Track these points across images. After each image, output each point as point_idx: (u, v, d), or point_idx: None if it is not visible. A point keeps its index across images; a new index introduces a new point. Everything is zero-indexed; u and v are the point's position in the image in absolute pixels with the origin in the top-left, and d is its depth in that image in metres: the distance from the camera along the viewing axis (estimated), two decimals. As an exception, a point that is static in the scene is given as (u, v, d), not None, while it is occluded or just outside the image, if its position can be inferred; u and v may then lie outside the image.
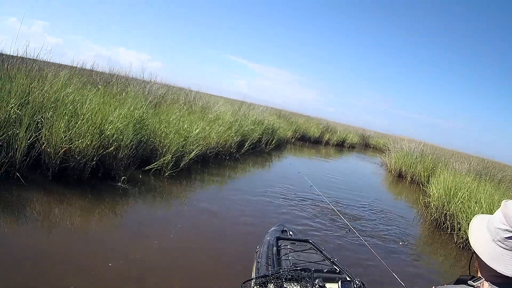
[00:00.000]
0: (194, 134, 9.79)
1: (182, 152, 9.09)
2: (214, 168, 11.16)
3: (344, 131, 33.83)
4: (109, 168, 7.27)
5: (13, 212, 5.34)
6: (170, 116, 9.87)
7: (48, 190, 6.22)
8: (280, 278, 3.12)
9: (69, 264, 4.34)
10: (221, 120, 13.00)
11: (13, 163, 5.95)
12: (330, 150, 27.46)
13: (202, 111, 13.39)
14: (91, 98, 7.41)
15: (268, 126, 18.14)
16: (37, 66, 7.70)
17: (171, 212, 7.03)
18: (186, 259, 5.15)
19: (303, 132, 26.61)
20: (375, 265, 5.49)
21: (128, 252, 4.86)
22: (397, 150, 20.71)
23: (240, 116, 15.62)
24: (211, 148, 11.27)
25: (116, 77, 11.53)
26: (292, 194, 9.72)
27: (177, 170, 8.74)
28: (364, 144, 38.84)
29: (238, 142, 13.58)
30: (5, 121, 5.90)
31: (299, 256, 3.74)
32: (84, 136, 6.56)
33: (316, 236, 6.70)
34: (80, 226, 5.57)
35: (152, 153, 8.64)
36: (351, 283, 3.10)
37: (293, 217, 7.88)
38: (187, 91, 15.72)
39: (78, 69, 10.26)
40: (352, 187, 13.45)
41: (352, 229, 5.34)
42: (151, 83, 12.28)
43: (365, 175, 19.32)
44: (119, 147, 7.25)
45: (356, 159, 27.17)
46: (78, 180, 6.71)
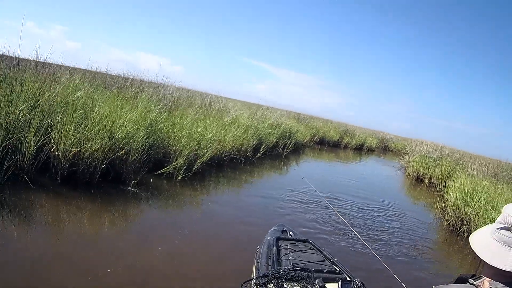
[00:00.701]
0: (208, 137, 9.60)
1: (196, 156, 8.91)
2: (229, 172, 10.93)
3: (363, 135, 33.27)
4: (120, 171, 7.12)
5: (20, 215, 5.21)
6: (184, 119, 9.70)
7: (56, 193, 6.09)
8: (280, 278, 3.08)
9: (71, 268, 4.24)
10: (237, 124, 12.81)
11: (22, 166, 5.85)
12: (349, 153, 26.97)
13: (218, 114, 13.22)
14: (101, 101, 7.30)
15: (286, 130, 17.86)
16: (51, 69, 7.62)
17: (180, 217, 6.83)
18: (187, 267, 4.89)
19: (322, 135, 26.26)
20: (382, 269, 5.21)
21: (129, 258, 4.69)
22: (415, 153, 20.20)
23: (257, 119, 15.40)
24: (226, 151, 11.08)
25: (130, 81, 11.48)
26: (312, 200, 9.40)
27: (190, 174, 8.53)
28: (383, 148, 38.02)
29: (254, 145, 13.32)
30: (13, 124, 5.82)
31: (299, 256, 3.69)
32: (94, 140, 6.44)
33: (327, 242, 6.44)
34: (86, 230, 5.42)
35: (165, 157, 8.47)
36: (351, 283, 3.08)
37: (314, 229, 7.53)
38: (204, 94, 15.61)
39: (92, 73, 10.21)
40: (368, 191, 13.03)
41: (353, 231, 5.13)
42: (166, 86, 12.17)
43: (382, 179, 18.84)
44: (129, 150, 7.10)
45: (374, 162, 26.63)
46: (88, 184, 6.57)
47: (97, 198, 6.40)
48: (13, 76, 6.36)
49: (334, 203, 9.65)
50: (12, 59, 7.05)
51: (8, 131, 5.72)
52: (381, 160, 29.37)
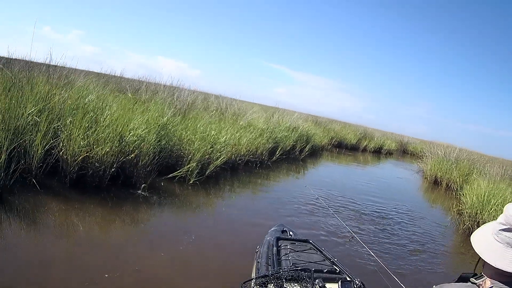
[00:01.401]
0: (221, 141, 9.41)
1: (209, 159, 8.72)
2: (244, 176, 10.67)
3: (381, 138, 32.63)
4: (130, 175, 6.95)
5: (26, 218, 5.09)
6: (198, 123, 9.53)
7: (64, 196, 5.94)
8: (280, 278, 3.05)
9: (70, 272, 4.09)
10: (252, 127, 12.59)
11: (30, 169, 5.75)
12: (367, 156, 26.42)
13: (233, 118, 13.03)
14: (113, 104, 7.19)
15: (303, 133, 17.55)
16: (64, 73, 7.55)
17: (189, 221, 6.62)
18: (187, 275, 4.64)
19: (340, 139, 25.83)
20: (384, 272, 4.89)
21: (130, 263, 4.50)
22: (432, 156, 19.66)
23: (273, 123, 15.15)
24: (241, 155, 10.86)
25: (145, 84, 11.39)
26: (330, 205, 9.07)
27: (203, 178, 8.31)
28: (402, 151, 37.19)
29: (270, 149, 13.03)
30: (22, 127, 5.73)
31: (299, 256, 3.65)
32: (103, 143, 6.32)
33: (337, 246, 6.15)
34: (92, 234, 5.27)
35: (177, 160, 8.30)
36: (351, 283, 3.06)
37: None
38: (220, 98, 15.44)
39: (107, 76, 10.14)
40: (386, 194, 12.59)
41: (353, 235, 4.87)
42: (181, 89, 12.04)
43: (400, 182, 18.32)
44: (140, 154, 6.96)
45: (392, 165, 26.00)
46: (97, 187, 6.40)
47: (106, 201, 6.24)
48: (24, 79, 6.28)
49: (350, 207, 9.38)
50: (26, 63, 6.99)
51: (17, 134, 5.64)
52: (400, 163, 28.67)
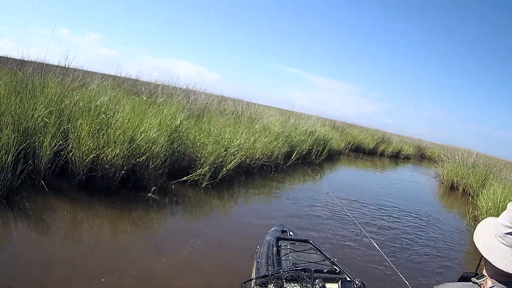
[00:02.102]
0: (235, 144, 9.17)
1: (222, 163, 8.50)
2: (258, 180, 10.38)
3: (399, 142, 31.86)
4: (140, 178, 6.77)
5: (32, 220, 4.97)
6: (212, 126, 9.32)
7: (73, 198, 5.79)
8: (280, 278, 3.00)
9: (69, 274, 3.94)
10: (268, 131, 12.32)
11: (38, 170, 5.63)
12: (385, 161, 25.79)
13: (249, 121, 12.80)
14: (125, 107, 7.03)
15: (319, 137, 17.20)
16: (77, 75, 7.45)
17: (198, 226, 6.38)
18: (189, 281, 4.40)
19: (357, 143, 25.32)
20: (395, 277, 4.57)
21: (129, 268, 4.31)
22: (449, 161, 19.03)
23: (289, 126, 14.85)
24: (256, 159, 10.61)
25: (161, 88, 11.26)
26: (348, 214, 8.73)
27: (215, 181, 8.05)
28: (419, 155, 36.25)
29: (286, 152, 12.72)
30: (31, 128, 5.62)
31: (299, 256, 3.59)
32: (113, 145, 6.17)
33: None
34: (98, 236, 5.11)
35: (190, 163, 8.10)
36: (351, 283, 3.00)
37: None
38: (237, 101, 15.25)
39: (122, 79, 10.04)
40: (403, 199, 12.15)
41: (363, 230, 4.58)
42: (196, 92, 11.86)
43: (417, 186, 17.77)
44: (151, 156, 6.78)
45: (410, 170, 25.21)
46: (107, 190, 6.23)
47: (115, 204, 6.06)
48: (36, 81, 6.19)
49: (366, 210, 9.02)
50: (39, 65, 6.91)
51: (27, 136, 5.54)
52: (417, 168, 27.87)
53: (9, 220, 4.83)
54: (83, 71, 7.90)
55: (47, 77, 6.56)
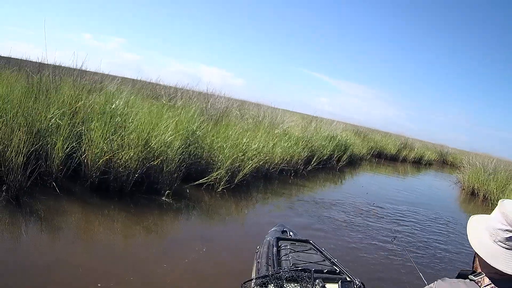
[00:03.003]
0: (253, 148, 8.86)
1: (239, 167, 8.20)
2: (277, 185, 9.96)
3: (421, 148, 30.86)
4: (155, 181, 6.53)
5: (42, 221, 4.78)
6: (230, 130, 9.03)
7: (84, 201, 5.58)
8: (280, 279, 2.93)
9: (76, 277, 3.75)
10: (288, 136, 11.96)
11: (50, 172, 5.45)
12: (406, 167, 24.90)
13: (270, 126, 12.46)
14: (141, 110, 6.83)
15: (341, 142, 16.71)
16: (96, 78, 7.30)
17: (210, 231, 6.05)
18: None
19: (379, 148, 24.61)
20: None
21: (129, 273, 4.03)
22: (470, 166, 18.17)
23: (310, 131, 14.43)
24: (275, 163, 10.27)
25: (181, 91, 11.07)
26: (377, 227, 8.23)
27: (231, 185, 7.72)
28: (441, 161, 34.97)
29: (306, 157, 12.29)
30: (44, 130, 5.46)
31: (299, 256, 3.51)
32: (127, 148, 5.95)
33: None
34: (106, 240, 4.90)
35: (207, 167, 7.82)
36: (351, 284, 2.96)
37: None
38: (259, 106, 14.93)
39: (143, 83, 9.89)
40: (424, 205, 11.47)
41: (408, 254, 4.21)
42: (216, 96, 11.61)
43: (437, 193, 17.02)
44: (165, 160, 6.54)
45: (432, 176, 24.28)
46: (120, 193, 5.99)
47: (127, 207, 5.81)
48: (50, 83, 6.04)
49: (390, 216, 8.54)
50: (55, 68, 6.78)
51: (40, 137, 5.38)
52: (439, 173, 26.81)
53: (17, 221, 4.65)
54: (102, 74, 7.75)
55: (62, 79, 6.40)
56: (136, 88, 8.79)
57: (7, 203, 4.79)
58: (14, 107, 5.18)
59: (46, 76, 6.15)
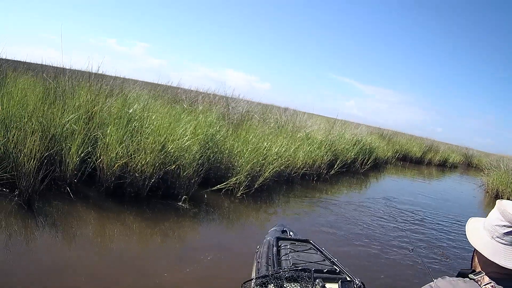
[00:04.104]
0: (274, 152, 8.46)
1: (260, 172, 7.82)
2: (299, 190, 9.49)
3: (446, 151, 29.65)
4: (172, 186, 6.22)
5: (54, 226, 4.59)
6: (250, 134, 8.66)
7: (99, 206, 5.33)
8: (280, 278, 2.83)
9: (86, 282, 3.60)
10: (311, 139, 11.49)
11: (64, 177, 5.24)
12: (431, 170, 23.86)
13: (293, 130, 12.03)
14: (158, 114, 6.56)
15: (365, 146, 16.08)
16: (115, 83, 7.09)
17: (227, 237, 5.68)
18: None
19: (404, 152, 23.75)
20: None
21: (140, 281, 3.79)
22: (494, 169, 17.24)
23: (334, 135, 13.90)
24: (297, 168, 9.84)
25: (202, 95, 10.79)
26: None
27: (251, 190, 7.33)
28: (466, 164, 33.50)
29: (329, 161, 11.75)
30: (59, 134, 5.25)
31: (299, 256, 3.40)
32: (144, 153, 5.69)
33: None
34: (121, 245, 4.68)
35: (226, 172, 7.48)
36: (351, 283, 2.88)
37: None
38: (282, 110, 14.53)
39: (164, 87, 9.65)
40: (448, 209, 10.98)
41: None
42: (238, 100, 11.26)
43: (461, 196, 16.21)
44: (182, 165, 6.24)
45: (456, 179, 23.09)
46: (136, 198, 5.73)
47: (143, 213, 5.51)
48: (67, 88, 5.85)
49: (413, 220, 7.98)
50: (75, 73, 6.60)
51: (54, 142, 5.18)
52: (464, 176, 25.57)
53: (29, 226, 4.45)
54: (123, 79, 7.55)
55: (80, 84, 6.21)
56: (157, 93, 8.55)
57: (19, 207, 4.59)
58: (28, 112, 4.98)
59: (63, 81, 5.96)
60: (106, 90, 6.45)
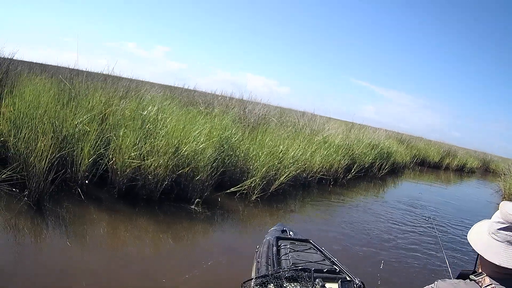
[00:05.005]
0: (290, 156, 8.14)
1: (275, 175, 7.51)
2: (316, 194, 9.08)
3: (464, 156, 28.67)
4: (185, 189, 5.97)
5: (62, 227, 4.43)
6: (267, 137, 8.36)
7: (110, 208, 5.11)
8: (280, 278, 2.76)
9: (92, 285, 3.42)
10: (328, 143, 11.10)
11: (75, 178, 5.05)
12: (449, 175, 22.98)
13: (310, 133, 11.65)
14: (173, 117, 6.33)
15: (383, 150, 15.58)
16: (132, 85, 6.91)
17: (240, 242, 5.38)
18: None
19: (422, 156, 23.04)
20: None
21: (133, 284, 3.58)
22: (511, 174, 16.44)
23: (351, 139, 13.47)
24: (314, 172, 9.48)
25: (218, 98, 10.55)
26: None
27: (266, 194, 7.01)
28: (484, 169, 32.29)
29: (346, 165, 11.31)
30: (71, 136, 5.07)
31: (299, 256, 3.32)
32: (157, 155, 5.47)
33: None
34: (130, 248, 4.47)
35: (242, 175, 7.19)
36: (351, 283, 2.82)
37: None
38: (299, 113, 14.17)
39: (180, 90, 9.45)
40: (465, 215, 10.46)
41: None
42: (255, 104, 10.96)
43: (477, 201, 15.57)
44: (196, 167, 6.00)
45: (473, 184, 22.20)
46: (148, 200, 5.50)
47: (155, 216, 5.27)
48: (81, 90, 5.68)
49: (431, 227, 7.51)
50: (89, 74, 6.45)
51: (66, 143, 5.00)
52: (481, 182, 24.49)
53: (37, 226, 4.27)
54: (139, 81, 7.38)
55: (94, 85, 6.04)
56: (173, 95, 8.35)
57: (28, 208, 4.41)
58: (40, 113, 4.82)
59: (78, 83, 5.80)
60: (120, 92, 6.25)
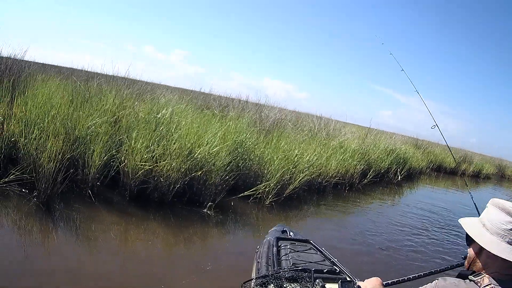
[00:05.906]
0: (305, 161, 7.84)
1: (290, 180, 7.21)
2: (331, 199, 8.71)
3: (480, 162, 27.73)
4: (197, 192, 5.74)
5: (70, 229, 4.23)
6: (282, 141, 8.08)
7: (121, 210, 4.90)
8: (280, 279, 2.65)
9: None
10: (343, 149, 10.74)
11: (86, 180, 4.87)
12: (465, 181, 22.51)
13: (326, 138, 11.31)
14: (188, 120, 6.12)
15: (399, 155, 15.09)
16: (146, 88, 6.74)
17: (252, 247, 5.23)
18: None
19: (439, 162, 22.38)
20: None
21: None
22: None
23: (367, 144, 13.06)
24: (329, 177, 9.14)
25: (233, 102, 10.32)
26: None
27: (280, 198, 6.71)
28: (500, 175, 31.07)
29: (362, 170, 10.95)
30: (82, 137, 4.90)
31: (299, 256, 3.22)
32: (170, 158, 5.25)
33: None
34: (139, 251, 4.26)
35: (256, 179, 6.92)
36: (351, 283, 2.37)
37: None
38: (316, 118, 13.84)
39: (196, 93, 9.26)
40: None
41: None
42: (270, 108, 10.69)
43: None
44: (209, 171, 5.76)
45: (489, 190, 21.45)
46: (160, 203, 5.27)
47: (166, 219, 5.03)
48: (94, 91, 5.52)
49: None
50: (103, 77, 6.30)
51: (78, 144, 4.84)
52: (497, 187, 23.59)
53: (45, 227, 4.09)
54: (155, 84, 7.21)
55: (108, 88, 5.87)
56: (188, 98, 8.16)
57: (37, 208, 4.24)
58: (52, 114, 4.66)
59: (92, 85, 5.64)
60: (134, 94, 6.07)
